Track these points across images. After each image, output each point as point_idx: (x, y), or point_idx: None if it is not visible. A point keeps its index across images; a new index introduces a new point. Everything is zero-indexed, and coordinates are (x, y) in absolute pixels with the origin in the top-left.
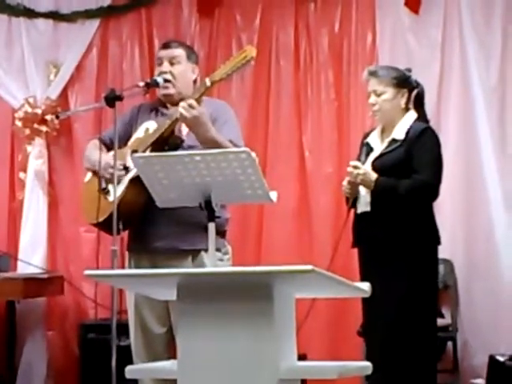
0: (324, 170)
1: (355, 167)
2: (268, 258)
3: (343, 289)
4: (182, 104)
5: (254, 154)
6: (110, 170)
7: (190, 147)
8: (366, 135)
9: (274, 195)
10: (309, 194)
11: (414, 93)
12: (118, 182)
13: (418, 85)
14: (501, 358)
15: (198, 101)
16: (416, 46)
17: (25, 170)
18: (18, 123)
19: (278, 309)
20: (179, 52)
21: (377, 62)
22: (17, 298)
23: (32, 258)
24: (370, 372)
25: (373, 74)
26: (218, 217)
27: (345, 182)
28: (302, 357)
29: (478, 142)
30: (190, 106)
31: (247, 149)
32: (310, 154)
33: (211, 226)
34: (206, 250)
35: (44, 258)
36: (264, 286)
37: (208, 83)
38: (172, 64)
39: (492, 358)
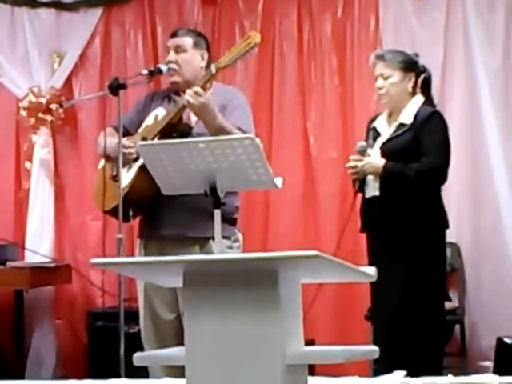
0: (329, 155)
1: (354, 166)
2: (274, 243)
3: (349, 273)
4: (188, 91)
5: (258, 140)
6: (125, 150)
7: (199, 135)
8: (373, 119)
9: (279, 181)
10: (314, 179)
11: (421, 77)
12: (129, 164)
13: (425, 70)
14: (508, 341)
15: (204, 88)
16: (419, 29)
17: (30, 160)
18: (23, 113)
19: (283, 294)
20: (185, 40)
21: (380, 46)
22: (25, 287)
23: (39, 247)
24: (377, 356)
25: (380, 57)
26: (223, 203)
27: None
28: (309, 342)
29: (482, 124)
30: (197, 94)
31: (251, 135)
32: (314, 139)
33: (217, 213)
34: (214, 238)
35: (51, 246)
36: (269, 271)
37: (213, 70)
38: (177, 52)
39: (500, 341)
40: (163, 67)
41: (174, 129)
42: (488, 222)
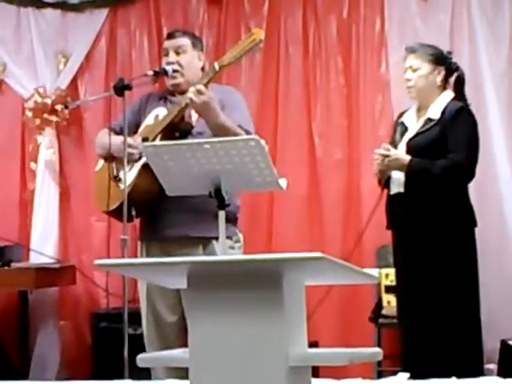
0: (334, 156)
1: (383, 155)
2: (279, 245)
3: (353, 276)
4: (191, 89)
5: (263, 142)
6: (130, 150)
7: (199, 134)
8: (401, 114)
9: (283, 182)
10: (319, 180)
11: (455, 76)
12: (131, 163)
13: (457, 68)
14: None
15: (207, 86)
16: (424, 30)
17: (35, 161)
18: (29, 113)
19: (287, 296)
20: (184, 41)
21: (385, 47)
22: (29, 288)
23: (44, 248)
24: (380, 358)
25: (411, 50)
26: (228, 205)
27: (378, 160)
28: (313, 344)
29: (487, 126)
30: (199, 92)
31: (256, 136)
32: (319, 140)
33: (221, 214)
34: (217, 239)
35: (56, 247)
36: (273, 273)
37: (217, 67)
38: (178, 54)
39: (504, 343)
40: (168, 68)
41: (176, 128)
42: (493, 225)
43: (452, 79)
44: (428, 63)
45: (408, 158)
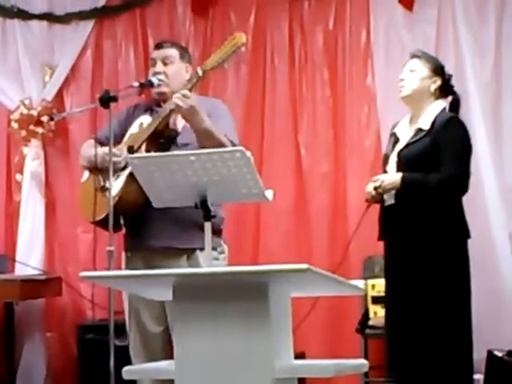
0: (320, 167)
1: (374, 181)
2: (265, 256)
3: (339, 287)
4: (176, 95)
5: (249, 153)
6: (114, 158)
7: (185, 145)
8: (394, 125)
9: (269, 194)
10: (305, 192)
11: (450, 99)
12: (117, 173)
13: (454, 92)
14: (499, 354)
15: (191, 91)
16: (410, 42)
17: (21, 172)
18: (14, 125)
19: (273, 308)
20: (172, 52)
21: (371, 59)
22: (15, 300)
23: (30, 260)
24: (366, 370)
25: (414, 55)
26: (214, 216)
27: (369, 189)
28: (300, 355)
29: (473, 138)
30: (185, 96)
31: (242, 148)
32: (305, 152)
33: (207, 226)
34: (202, 249)
35: (41, 259)
36: (259, 285)
37: (200, 73)
38: (165, 64)
39: (490, 354)
40: (154, 80)
41: (161, 135)
42: (479, 236)
43: (448, 100)
44: (427, 69)
45: (398, 175)
